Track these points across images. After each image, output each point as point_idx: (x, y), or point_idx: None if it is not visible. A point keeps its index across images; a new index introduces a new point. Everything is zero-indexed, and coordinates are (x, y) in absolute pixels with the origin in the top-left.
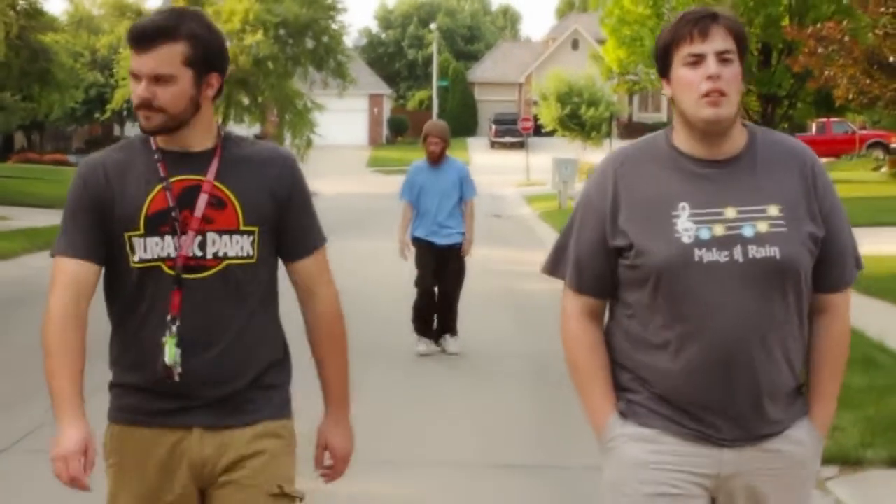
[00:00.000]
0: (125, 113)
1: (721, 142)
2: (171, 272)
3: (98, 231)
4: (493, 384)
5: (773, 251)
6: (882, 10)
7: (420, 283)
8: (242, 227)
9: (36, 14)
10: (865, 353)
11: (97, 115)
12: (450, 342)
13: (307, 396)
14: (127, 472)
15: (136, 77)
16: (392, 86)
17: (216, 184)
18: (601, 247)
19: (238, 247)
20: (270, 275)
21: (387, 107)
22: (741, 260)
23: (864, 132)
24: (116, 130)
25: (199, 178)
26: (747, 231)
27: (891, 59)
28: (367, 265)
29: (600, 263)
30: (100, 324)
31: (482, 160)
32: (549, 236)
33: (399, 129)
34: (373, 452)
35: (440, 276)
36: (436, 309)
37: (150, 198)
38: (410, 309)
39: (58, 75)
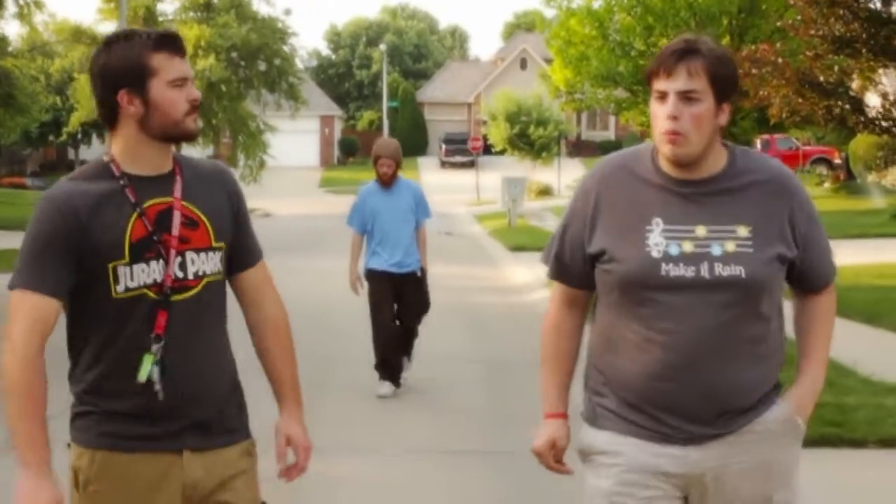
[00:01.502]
0: (80, 136)
1: (695, 166)
2: (155, 296)
3: (70, 266)
4: (447, 383)
5: (738, 270)
6: (812, 32)
7: (377, 319)
8: (214, 244)
9: None
10: (790, 351)
11: (52, 138)
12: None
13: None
14: (110, 498)
15: (186, 79)
16: (342, 106)
17: (185, 203)
18: (580, 249)
19: (212, 263)
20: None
21: (338, 128)
22: (707, 276)
23: (808, 148)
24: (71, 154)
25: (169, 200)
26: (715, 250)
27: (821, 78)
28: (323, 282)
29: (579, 263)
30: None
31: (433, 179)
32: (499, 253)
33: (350, 150)
34: (342, 442)
35: (400, 309)
36: (398, 346)
37: (130, 225)
38: (372, 345)
39: (19, 99)
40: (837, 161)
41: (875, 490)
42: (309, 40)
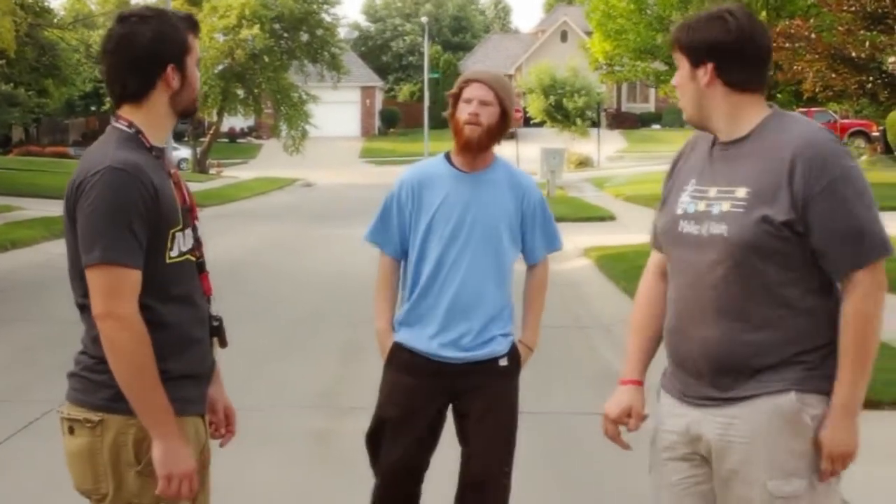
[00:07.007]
0: None
1: (718, 129)
2: (196, 260)
3: (146, 236)
4: None
5: (723, 229)
6: (845, 8)
7: (390, 454)
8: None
9: (42, 12)
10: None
11: (93, 108)
12: None
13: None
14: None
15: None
16: (382, 78)
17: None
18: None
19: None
20: None
21: (378, 99)
22: (704, 235)
23: (846, 121)
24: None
25: (173, 171)
26: (715, 209)
27: (853, 54)
28: (363, 250)
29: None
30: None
31: None
32: None
33: (391, 121)
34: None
35: (468, 443)
36: None
37: (175, 193)
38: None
39: (64, 70)
40: (875, 134)
41: (889, 446)
42: (348, 13)
